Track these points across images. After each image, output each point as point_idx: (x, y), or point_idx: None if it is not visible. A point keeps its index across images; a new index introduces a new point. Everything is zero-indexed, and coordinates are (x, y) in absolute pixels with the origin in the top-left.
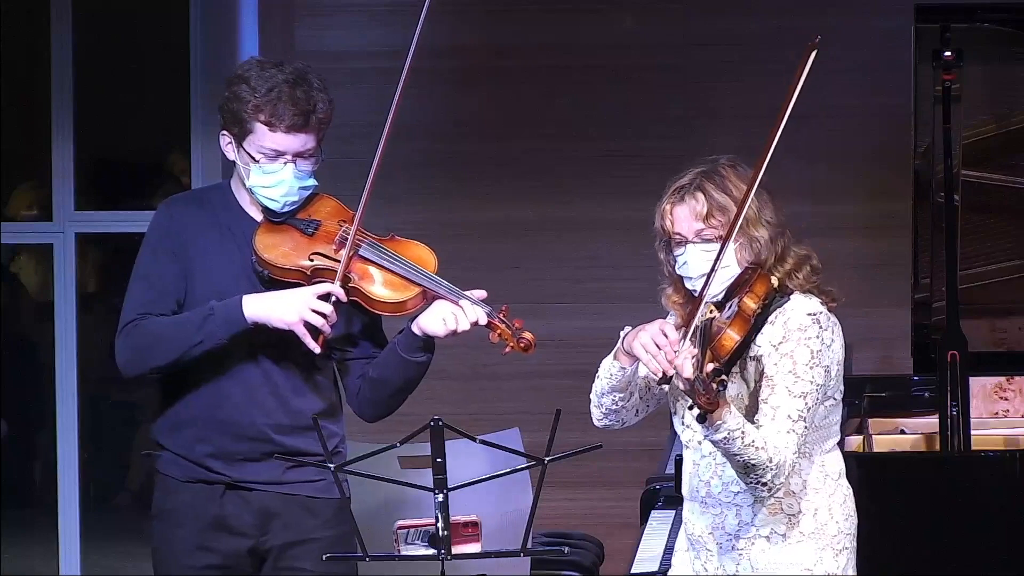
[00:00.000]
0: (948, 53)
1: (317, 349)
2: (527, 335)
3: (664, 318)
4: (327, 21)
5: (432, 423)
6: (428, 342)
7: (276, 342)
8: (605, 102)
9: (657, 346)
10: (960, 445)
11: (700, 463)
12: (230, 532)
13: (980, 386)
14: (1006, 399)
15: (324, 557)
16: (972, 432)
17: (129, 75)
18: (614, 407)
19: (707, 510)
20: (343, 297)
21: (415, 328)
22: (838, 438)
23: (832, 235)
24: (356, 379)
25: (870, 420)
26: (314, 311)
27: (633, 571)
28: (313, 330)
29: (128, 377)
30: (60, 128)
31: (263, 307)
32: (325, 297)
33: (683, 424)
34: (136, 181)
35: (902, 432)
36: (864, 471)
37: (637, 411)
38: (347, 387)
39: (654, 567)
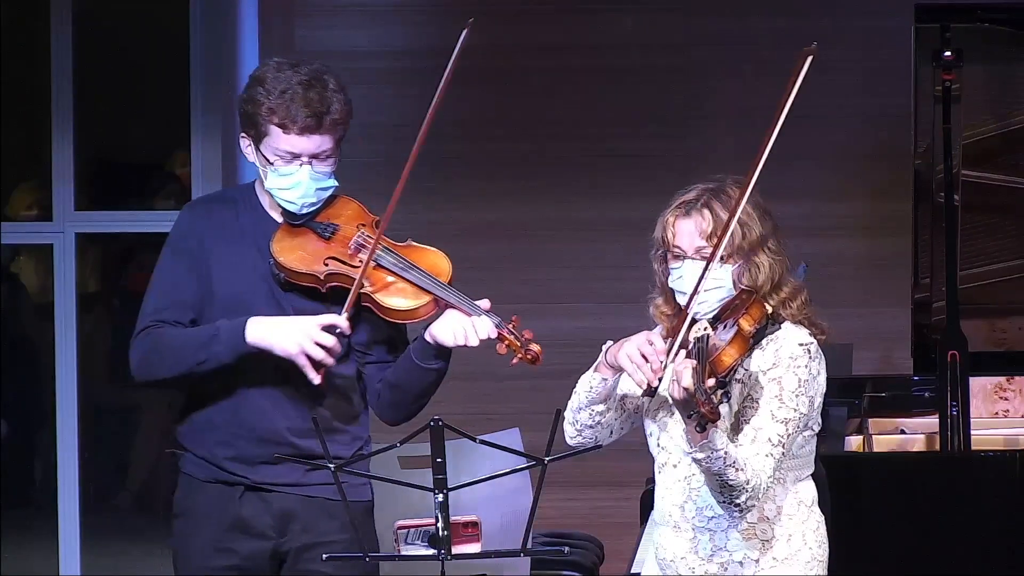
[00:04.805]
0: (948, 53)
1: (317, 380)
2: (535, 347)
3: (650, 329)
4: (327, 21)
5: (432, 423)
6: (442, 350)
7: None
8: (605, 102)
9: (644, 357)
10: (960, 445)
11: (673, 487)
12: (250, 534)
13: (980, 386)
14: (1006, 399)
15: (324, 557)
16: (972, 432)
17: (129, 75)
18: (590, 422)
19: (680, 534)
20: (347, 331)
21: (427, 336)
22: (812, 469)
23: (832, 235)
24: (376, 384)
25: (870, 420)
26: (316, 343)
27: (633, 571)
28: (316, 360)
29: (139, 382)
30: (60, 128)
31: (265, 333)
32: (330, 329)
33: (659, 446)
34: (136, 181)
35: (902, 432)
36: (864, 471)
37: (612, 431)
38: (369, 391)
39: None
